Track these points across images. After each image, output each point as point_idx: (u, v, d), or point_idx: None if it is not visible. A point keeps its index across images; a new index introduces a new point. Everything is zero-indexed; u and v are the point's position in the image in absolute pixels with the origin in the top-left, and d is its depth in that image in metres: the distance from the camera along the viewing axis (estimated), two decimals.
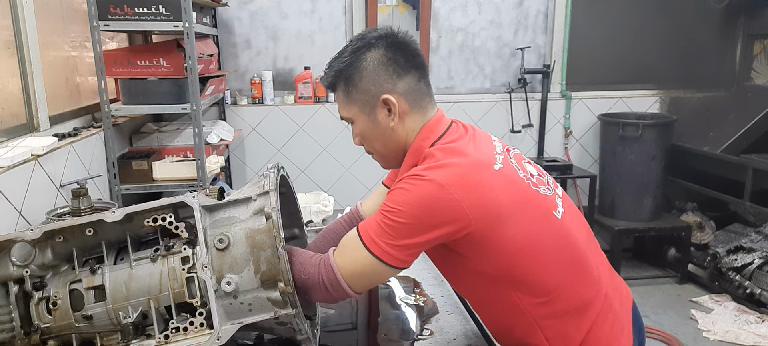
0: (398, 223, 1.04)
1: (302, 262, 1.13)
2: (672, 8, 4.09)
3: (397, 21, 3.76)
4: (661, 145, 3.72)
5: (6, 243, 1.09)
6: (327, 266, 1.10)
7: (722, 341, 3.11)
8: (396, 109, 1.16)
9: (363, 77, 1.16)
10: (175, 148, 2.87)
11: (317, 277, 1.10)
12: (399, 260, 1.07)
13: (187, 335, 1.06)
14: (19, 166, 1.76)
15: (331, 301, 1.16)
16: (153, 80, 2.55)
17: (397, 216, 1.04)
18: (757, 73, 4.12)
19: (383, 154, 1.24)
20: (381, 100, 1.16)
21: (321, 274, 1.10)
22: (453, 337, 1.34)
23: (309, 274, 1.11)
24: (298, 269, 1.11)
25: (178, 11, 2.40)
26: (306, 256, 1.15)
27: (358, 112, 1.19)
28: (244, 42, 3.75)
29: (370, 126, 1.19)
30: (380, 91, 1.15)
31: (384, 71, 1.15)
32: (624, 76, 4.15)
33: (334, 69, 1.20)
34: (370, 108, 1.17)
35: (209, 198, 1.12)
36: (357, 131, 1.23)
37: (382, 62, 1.15)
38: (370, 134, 1.21)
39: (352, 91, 1.17)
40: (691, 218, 3.94)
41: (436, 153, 1.11)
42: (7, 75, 2.02)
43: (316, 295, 1.14)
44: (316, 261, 1.12)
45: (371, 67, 1.15)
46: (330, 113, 3.78)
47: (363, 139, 1.23)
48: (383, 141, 1.21)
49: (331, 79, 1.21)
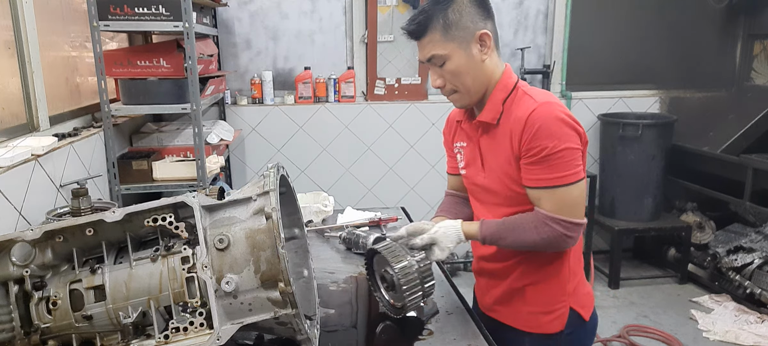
0: (569, 148, 1.24)
1: (524, 222, 1.30)
2: (672, 8, 4.09)
3: (397, 21, 3.76)
4: (661, 145, 3.72)
5: (6, 243, 1.09)
6: (555, 220, 1.25)
7: (722, 341, 3.11)
8: (489, 44, 1.31)
9: (462, 15, 1.29)
10: (175, 148, 2.87)
11: (554, 232, 1.26)
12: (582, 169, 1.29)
13: (187, 335, 1.06)
14: (19, 166, 1.76)
15: (571, 243, 1.31)
16: (153, 80, 2.55)
17: (565, 143, 1.23)
18: (757, 73, 4.12)
19: (470, 88, 1.34)
20: (478, 36, 1.30)
21: (551, 228, 1.26)
22: (453, 337, 1.34)
23: (543, 231, 1.27)
24: (529, 228, 1.28)
25: (178, 11, 2.40)
26: (523, 221, 1.30)
27: (456, 48, 1.30)
28: (244, 42, 3.75)
29: (465, 60, 1.31)
30: (476, 27, 1.30)
31: (476, 10, 1.30)
32: (624, 76, 4.15)
33: (428, 10, 1.30)
34: (466, 43, 1.30)
35: (209, 198, 1.12)
36: (452, 67, 1.31)
37: (473, 4, 1.30)
38: (464, 69, 1.31)
39: (451, 28, 1.29)
40: (691, 218, 3.94)
41: (526, 86, 1.35)
42: (7, 75, 2.02)
43: (554, 244, 1.29)
44: (540, 221, 1.27)
45: (468, 7, 1.29)
46: (330, 113, 3.78)
47: (455, 75, 1.32)
48: (474, 75, 1.33)
49: (425, 19, 1.30)
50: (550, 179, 1.25)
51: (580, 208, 1.29)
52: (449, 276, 1.70)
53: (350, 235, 1.87)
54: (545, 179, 1.26)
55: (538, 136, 1.24)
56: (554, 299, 1.41)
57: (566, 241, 1.28)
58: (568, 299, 1.41)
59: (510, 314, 1.47)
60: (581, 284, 1.46)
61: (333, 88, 3.76)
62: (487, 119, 1.37)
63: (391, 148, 3.89)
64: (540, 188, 1.28)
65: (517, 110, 1.30)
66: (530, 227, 1.29)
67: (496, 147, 1.36)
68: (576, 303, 1.42)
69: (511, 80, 1.36)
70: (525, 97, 1.32)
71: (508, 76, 1.36)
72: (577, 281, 1.44)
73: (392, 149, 3.89)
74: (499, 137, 1.35)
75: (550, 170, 1.25)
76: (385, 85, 3.84)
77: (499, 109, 1.35)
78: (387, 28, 3.77)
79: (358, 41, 3.81)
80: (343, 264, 1.78)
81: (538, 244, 1.29)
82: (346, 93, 3.79)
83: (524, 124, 1.26)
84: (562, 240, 1.28)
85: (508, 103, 1.34)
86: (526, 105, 1.29)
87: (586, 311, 1.45)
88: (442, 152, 4.08)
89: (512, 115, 1.31)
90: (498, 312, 1.50)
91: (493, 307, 1.51)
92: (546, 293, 1.41)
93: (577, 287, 1.43)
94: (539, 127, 1.24)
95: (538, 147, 1.24)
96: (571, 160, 1.25)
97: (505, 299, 1.47)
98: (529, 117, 1.25)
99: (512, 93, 1.34)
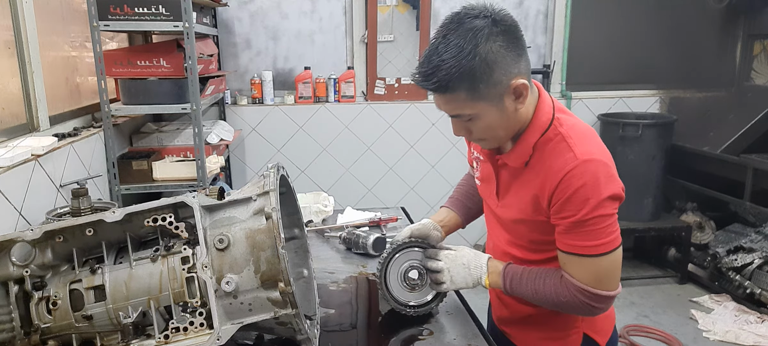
0: (603, 215, 1.09)
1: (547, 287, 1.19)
2: (672, 8, 4.09)
3: (397, 21, 3.76)
4: (661, 145, 3.72)
5: (6, 243, 1.09)
6: (582, 291, 1.14)
7: (722, 341, 3.11)
8: (526, 93, 1.11)
9: (493, 69, 1.06)
10: (175, 148, 2.87)
11: (579, 302, 1.15)
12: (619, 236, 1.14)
13: (187, 335, 1.06)
14: (19, 166, 1.76)
15: (598, 313, 1.20)
16: (153, 80, 2.55)
17: (599, 211, 1.09)
18: (757, 73, 4.11)
19: (501, 138, 1.18)
20: (512, 87, 1.09)
21: (576, 297, 1.15)
22: (453, 337, 1.33)
23: (566, 297, 1.16)
24: (552, 293, 1.18)
25: (178, 11, 2.40)
26: (547, 282, 1.19)
27: (487, 107, 1.10)
28: (244, 42, 3.75)
29: (498, 116, 1.12)
30: (510, 78, 1.09)
31: (509, 56, 1.07)
32: (624, 76, 4.15)
33: (448, 66, 1.04)
34: (498, 99, 1.10)
35: (209, 198, 1.12)
36: (482, 125, 1.13)
37: (504, 47, 1.06)
38: (496, 124, 1.13)
39: (479, 88, 1.07)
40: (691, 218, 3.94)
41: (563, 123, 1.16)
42: (7, 75, 2.02)
43: (580, 312, 1.21)
44: (566, 288, 1.16)
45: (498, 55, 1.06)
46: (330, 113, 3.78)
47: (485, 130, 1.15)
48: (507, 126, 1.15)
49: (446, 78, 1.05)
50: (582, 246, 1.12)
51: (614, 279, 1.15)
52: None
53: (350, 235, 1.87)
54: (576, 246, 1.13)
55: (572, 200, 1.10)
56: (567, 323, 1.32)
57: (592, 311, 1.17)
58: (581, 324, 1.32)
59: (520, 337, 1.42)
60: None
61: (333, 88, 3.76)
62: (511, 163, 1.22)
63: (391, 148, 3.89)
64: (569, 253, 1.14)
65: (552, 159, 1.14)
66: (552, 290, 1.18)
67: (520, 188, 1.22)
68: (591, 328, 1.33)
69: (546, 118, 1.17)
70: (562, 145, 1.13)
71: (542, 114, 1.17)
72: None
73: (392, 149, 3.89)
74: (526, 178, 1.20)
75: (581, 237, 1.11)
76: (385, 85, 3.84)
77: (529, 153, 1.18)
78: (387, 28, 3.77)
79: (358, 41, 3.81)
80: (343, 264, 1.78)
81: (563, 307, 1.19)
82: (346, 93, 3.79)
83: (559, 183, 1.11)
84: (588, 310, 1.16)
85: (540, 144, 1.17)
86: (564, 158, 1.11)
87: (602, 337, 1.35)
88: (442, 152, 4.11)
89: (546, 162, 1.15)
90: (509, 332, 1.46)
91: (503, 326, 1.47)
92: (559, 316, 1.31)
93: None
94: (576, 192, 1.09)
95: (570, 212, 1.10)
96: (605, 228, 1.10)
97: (516, 320, 1.42)
98: (566, 177, 1.10)
99: (547, 133, 1.16)
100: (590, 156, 1.10)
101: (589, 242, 1.11)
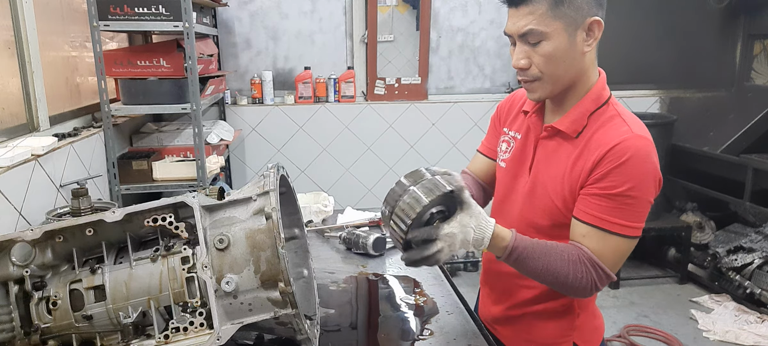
0: (643, 198, 1.09)
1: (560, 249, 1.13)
2: (672, 8, 4.09)
3: (397, 21, 3.77)
4: (661, 145, 3.68)
5: (6, 243, 1.09)
6: (595, 265, 1.11)
7: (722, 341, 3.11)
8: (598, 36, 1.13)
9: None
10: (175, 148, 2.87)
11: (588, 276, 1.12)
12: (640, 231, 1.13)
13: (187, 335, 1.06)
14: (19, 166, 1.76)
15: (592, 294, 1.18)
16: (153, 80, 2.56)
17: (643, 191, 1.08)
18: (757, 73, 4.12)
19: (558, 79, 1.15)
20: (588, 22, 1.11)
21: (588, 272, 1.11)
22: (453, 337, 1.33)
23: (577, 266, 1.11)
24: (564, 259, 1.11)
25: (178, 11, 2.40)
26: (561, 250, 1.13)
27: (561, 29, 1.10)
28: (244, 42, 3.75)
29: (566, 47, 1.11)
30: (590, 12, 1.10)
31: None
32: (624, 76, 4.15)
33: None
34: (573, 27, 1.10)
35: (209, 198, 1.12)
36: (549, 49, 1.11)
37: None
38: (561, 55, 1.12)
39: (563, 5, 1.08)
40: (691, 218, 3.94)
41: (619, 105, 1.18)
42: (7, 75, 2.02)
43: (579, 291, 1.15)
44: (580, 258, 1.12)
45: None
46: (330, 113, 3.78)
47: (548, 59, 1.12)
48: (568, 65, 1.14)
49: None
50: (611, 222, 1.10)
51: (620, 265, 1.16)
52: (449, 276, 1.69)
53: (350, 235, 1.87)
54: (604, 220, 1.10)
55: (621, 170, 1.07)
56: (559, 332, 1.30)
57: (592, 290, 1.14)
58: (573, 333, 1.30)
59: (510, 339, 1.40)
60: (591, 316, 1.34)
61: (333, 88, 3.76)
62: (565, 129, 1.18)
63: (391, 148, 3.89)
64: (593, 226, 1.11)
65: (603, 133, 1.13)
66: (566, 259, 1.11)
67: (557, 161, 1.19)
68: (580, 338, 1.31)
69: (605, 93, 1.19)
70: (617, 120, 1.14)
71: (603, 87, 1.19)
72: (588, 312, 1.32)
73: (392, 149, 3.89)
74: (565, 152, 1.18)
75: (614, 213, 1.10)
76: (385, 85, 3.84)
77: (583, 123, 1.16)
78: (387, 28, 3.77)
79: (358, 41, 3.81)
80: (343, 264, 1.78)
81: (566, 281, 1.12)
82: (346, 93, 3.79)
83: (610, 149, 1.09)
84: (591, 287, 1.13)
85: (594, 118, 1.16)
86: (618, 131, 1.11)
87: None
88: (441, 152, 4.10)
89: (597, 133, 1.14)
90: (498, 331, 1.43)
91: (494, 324, 1.45)
92: (550, 323, 1.30)
93: (586, 321, 1.32)
94: (627, 161, 1.07)
95: (615, 182, 1.08)
96: (641, 212, 1.10)
97: (507, 319, 1.39)
98: (619, 146, 1.08)
99: (603, 107, 1.17)
100: (646, 136, 1.11)
101: (620, 220, 1.10)
